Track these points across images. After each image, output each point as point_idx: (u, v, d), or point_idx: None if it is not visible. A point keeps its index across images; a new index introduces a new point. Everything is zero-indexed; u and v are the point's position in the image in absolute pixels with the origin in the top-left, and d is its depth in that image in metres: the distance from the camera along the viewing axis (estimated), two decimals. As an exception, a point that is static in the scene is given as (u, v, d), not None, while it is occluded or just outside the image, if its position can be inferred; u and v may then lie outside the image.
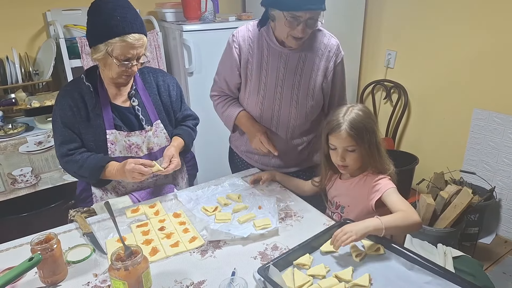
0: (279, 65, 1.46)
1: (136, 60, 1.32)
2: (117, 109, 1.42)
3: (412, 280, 0.99)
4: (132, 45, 1.27)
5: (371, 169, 1.25)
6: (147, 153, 1.46)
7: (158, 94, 1.50)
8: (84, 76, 1.40)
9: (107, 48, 1.27)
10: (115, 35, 1.25)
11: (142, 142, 1.44)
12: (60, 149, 1.38)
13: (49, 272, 1.00)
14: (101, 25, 1.26)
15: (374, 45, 3.04)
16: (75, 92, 1.37)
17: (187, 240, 1.17)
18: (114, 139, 1.40)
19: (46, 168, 2.05)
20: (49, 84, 2.36)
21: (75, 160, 1.36)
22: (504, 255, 2.33)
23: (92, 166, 1.35)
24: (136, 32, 1.27)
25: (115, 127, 1.40)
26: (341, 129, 1.20)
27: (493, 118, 2.41)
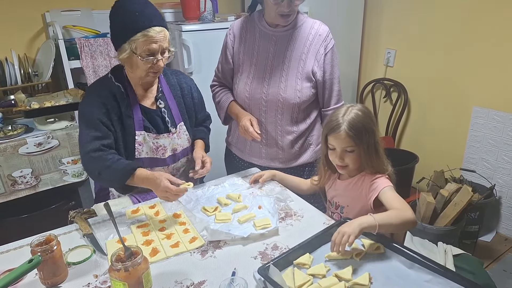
0: (269, 47, 1.53)
1: (160, 54, 1.32)
2: (145, 111, 1.43)
3: (412, 278, 0.99)
4: (154, 38, 1.27)
5: (369, 169, 1.25)
6: (171, 154, 1.48)
7: (182, 96, 1.53)
8: (112, 77, 1.40)
9: (131, 46, 1.28)
10: (136, 31, 1.26)
11: (168, 144, 1.46)
12: (92, 144, 1.32)
13: (49, 273, 1.00)
14: (121, 25, 1.28)
15: (373, 44, 3.04)
16: (107, 91, 1.37)
17: (187, 240, 1.17)
18: (142, 140, 1.41)
19: (46, 169, 2.05)
20: (49, 85, 2.36)
21: (106, 158, 1.31)
22: (505, 252, 2.33)
23: (121, 168, 1.30)
24: (156, 25, 1.28)
25: (144, 128, 1.42)
26: (340, 129, 1.20)
27: (492, 116, 2.41)
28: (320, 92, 1.57)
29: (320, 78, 1.53)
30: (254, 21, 1.56)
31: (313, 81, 1.53)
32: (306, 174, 1.63)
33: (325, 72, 1.53)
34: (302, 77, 1.51)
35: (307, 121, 1.60)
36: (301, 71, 1.51)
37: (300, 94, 1.51)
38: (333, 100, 1.59)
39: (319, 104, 1.63)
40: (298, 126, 1.59)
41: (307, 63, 1.51)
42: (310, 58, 1.51)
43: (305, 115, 1.59)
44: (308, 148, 1.64)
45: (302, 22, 1.52)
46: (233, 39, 1.59)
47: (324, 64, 1.53)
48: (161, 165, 1.47)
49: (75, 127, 2.12)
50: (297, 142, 1.61)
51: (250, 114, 1.57)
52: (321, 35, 1.52)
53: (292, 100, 1.52)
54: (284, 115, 1.55)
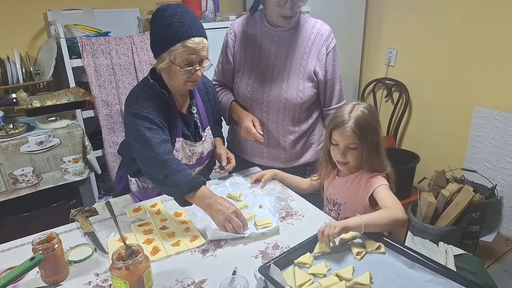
0: (270, 47, 1.52)
1: (198, 64, 1.31)
2: (183, 118, 1.44)
3: (413, 278, 0.98)
4: (193, 49, 1.26)
5: (368, 167, 1.25)
6: (198, 157, 1.50)
7: (208, 100, 1.54)
8: (155, 83, 1.36)
9: (170, 56, 1.27)
10: (176, 41, 1.25)
11: (200, 150, 1.48)
12: (163, 146, 1.28)
13: (50, 271, 1.01)
14: (161, 34, 1.27)
15: (375, 44, 3.03)
16: (158, 97, 1.35)
17: (188, 239, 1.17)
18: (180, 147, 1.42)
19: (48, 168, 2.06)
20: (50, 84, 2.37)
21: (177, 162, 1.27)
22: (506, 253, 2.33)
23: (191, 177, 1.23)
24: (195, 36, 1.26)
25: (182, 135, 1.42)
26: (347, 126, 1.20)
27: (494, 116, 2.40)
28: (321, 91, 1.57)
29: (321, 78, 1.53)
30: (255, 21, 1.55)
31: (315, 81, 1.53)
32: (307, 173, 1.63)
33: (326, 71, 1.53)
34: (304, 77, 1.51)
35: (308, 121, 1.60)
36: (303, 71, 1.50)
37: (302, 94, 1.51)
38: (335, 99, 1.59)
39: (320, 104, 1.63)
40: (299, 126, 1.59)
41: (309, 63, 1.50)
42: (312, 58, 1.51)
43: (307, 115, 1.59)
44: (310, 148, 1.64)
45: (304, 22, 1.52)
46: (234, 38, 1.58)
47: (326, 64, 1.52)
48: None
49: (76, 125, 2.12)
50: (298, 142, 1.61)
51: (252, 115, 1.56)
52: (323, 35, 1.51)
53: (294, 100, 1.51)
54: (286, 115, 1.55)
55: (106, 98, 2.34)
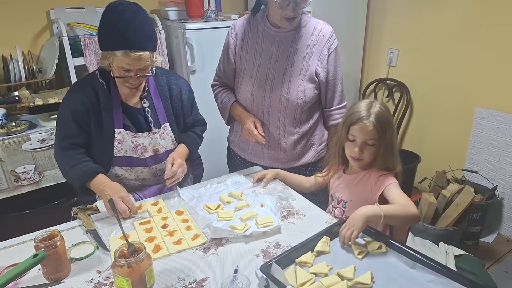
0: (272, 48, 1.51)
1: (138, 72, 1.32)
2: (127, 109, 1.43)
3: (414, 278, 0.99)
4: (132, 60, 1.27)
5: (381, 165, 1.25)
6: (152, 154, 1.47)
7: (170, 98, 1.51)
8: (98, 73, 1.40)
9: (109, 58, 1.29)
10: (113, 49, 1.26)
11: (148, 143, 1.45)
12: (62, 142, 1.39)
13: (52, 268, 1.01)
14: (105, 35, 1.28)
15: (376, 44, 3.03)
16: (89, 88, 1.38)
17: (189, 237, 1.18)
18: (122, 139, 1.41)
19: (50, 165, 2.06)
20: (52, 82, 2.37)
21: (73, 157, 1.37)
22: (506, 254, 2.33)
23: (84, 170, 1.34)
24: (136, 49, 1.26)
25: (124, 126, 1.41)
26: (368, 121, 1.19)
27: (495, 117, 2.40)
28: (322, 92, 1.57)
29: (323, 79, 1.52)
30: (257, 21, 1.54)
31: (316, 82, 1.53)
32: (308, 174, 1.63)
33: (328, 72, 1.53)
34: (306, 78, 1.50)
35: (309, 122, 1.60)
36: (305, 72, 1.50)
37: (303, 96, 1.51)
38: (336, 100, 1.59)
39: (321, 105, 1.63)
40: (300, 127, 1.58)
41: (310, 64, 1.50)
42: (313, 59, 1.50)
43: (308, 116, 1.59)
44: (311, 148, 1.64)
45: (305, 22, 1.52)
46: (235, 38, 1.58)
47: (328, 65, 1.52)
48: (141, 165, 1.47)
49: (78, 124, 2.13)
50: (299, 142, 1.61)
51: (253, 116, 1.56)
52: (325, 36, 1.51)
53: (295, 102, 1.51)
54: (287, 117, 1.55)
55: (108, 96, 2.34)
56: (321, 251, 1.08)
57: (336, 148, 1.34)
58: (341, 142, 1.29)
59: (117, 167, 1.45)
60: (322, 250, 1.09)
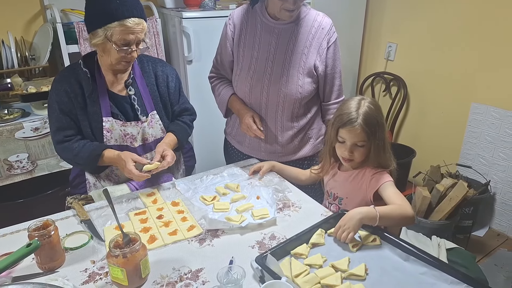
0: (271, 40, 1.49)
1: (135, 45, 1.30)
2: (114, 97, 1.41)
3: (408, 270, 1.00)
4: (132, 29, 1.26)
5: (374, 163, 1.25)
6: (141, 143, 1.45)
7: (156, 85, 1.48)
8: (81, 62, 1.38)
9: (106, 33, 1.25)
10: (114, 19, 1.23)
11: (137, 132, 1.43)
12: (56, 135, 1.38)
13: (46, 258, 1.00)
14: (100, 10, 1.25)
15: (375, 37, 3.02)
16: (71, 78, 1.36)
17: (185, 228, 1.17)
18: (111, 127, 1.39)
19: (43, 154, 2.04)
20: (46, 69, 2.33)
21: (71, 147, 1.36)
22: (496, 247, 2.37)
23: (88, 154, 1.35)
24: (135, 17, 1.26)
25: (112, 115, 1.39)
26: (356, 124, 1.18)
27: (490, 113, 2.42)
28: (321, 86, 1.56)
29: (321, 72, 1.51)
30: (255, 12, 1.52)
31: (315, 76, 1.51)
32: (305, 167, 1.62)
33: (327, 66, 1.52)
34: (304, 72, 1.49)
35: (307, 116, 1.59)
36: (303, 65, 1.49)
37: (301, 90, 1.49)
38: (334, 94, 1.58)
39: (319, 98, 1.62)
40: (298, 122, 1.58)
41: (309, 57, 1.48)
42: (312, 52, 1.49)
43: (306, 110, 1.58)
44: (308, 142, 1.64)
45: (305, 14, 1.50)
46: (233, 29, 1.55)
47: (327, 58, 1.51)
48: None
49: (72, 112, 2.10)
50: (296, 136, 1.60)
51: (252, 110, 1.55)
52: (324, 28, 1.49)
53: (293, 96, 1.50)
54: (285, 111, 1.54)
55: (102, 85, 2.31)
56: (316, 243, 1.09)
57: (326, 147, 1.34)
58: (331, 143, 1.29)
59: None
60: (317, 242, 1.09)
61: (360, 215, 1.06)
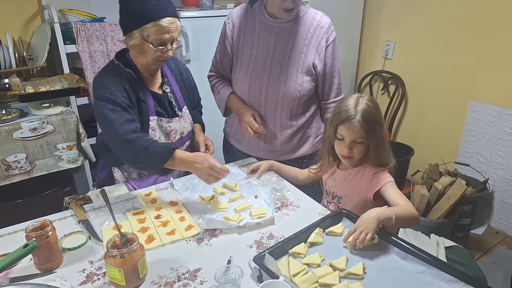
0: (269, 39, 1.50)
1: (170, 44, 1.32)
2: (155, 96, 1.43)
3: (406, 269, 1.00)
4: (167, 29, 1.28)
5: (374, 161, 1.24)
6: (179, 137, 1.50)
7: (182, 81, 1.55)
8: (120, 63, 1.37)
9: (142, 34, 1.27)
10: (150, 20, 1.25)
11: (178, 128, 1.49)
12: (126, 126, 1.28)
13: (44, 259, 1.00)
14: (135, 11, 1.26)
15: (373, 36, 3.02)
16: (122, 77, 1.35)
17: (183, 228, 1.17)
18: (155, 125, 1.42)
19: (41, 154, 2.04)
20: (44, 69, 2.33)
21: (143, 139, 1.28)
22: (495, 245, 2.37)
23: (160, 149, 1.27)
24: (170, 16, 1.28)
25: (156, 113, 1.42)
26: (354, 120, 1.18)
27: (488, 111, 2.42)
28: (320, 85, 1.56)
29: (320, 71, 1.51)
30: (254, 11, 1.52)
31: (314, 74, 1.51)
32: (304, 166, 1.62)
33: (325, 65, 1.52)
34: (303, 71, 1.49)
35: (306, 115, 1.59)
36: (302, 64, 1.49)
37: (300, 88, 1.49)
38: (333, 93, 1.58)
39: (318, 97, 1.62)
40: (297, 120, 1.58)
41: (308, 56, 1.49)
42: (311, 51, 1.49)
43: (305, 109, 1.58)
44: (307, 141, 1.63)
45: (303, 13, 1.50)
46: (232, 28, 1.55)
47: (325, 57, 1.51)
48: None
49: (70, 112, 2.10)
50: (295, 135, 1.60)
51: (251, 109, 1.55)
52: (323, 27, 1.49)
53: (292, 94, 1.50)
54: (284, 110, 1.54)
55: (100, 85, 2.31)
56: (314, 242, 1.09)
57: (325, 146, 1.33)
58: (330, 140, 1.29)
59: None
60: (315, 241, 1.09)
61: (377, 216, 1.03)
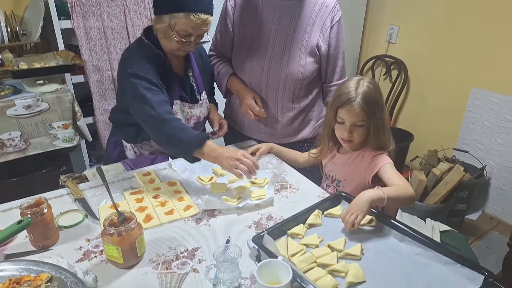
0: (272, 18, 1.45)
1: (196, 38, 1.28)
2: (180, 80, 1.40)
3: (403, 251, 1.00)
4: (196, 23, 1.23)
5: (374, 145, 1.23)
6: (196, 122, 1.49)
7: (203, 65, 1.52)
8: (150, 43, 1.32)
9: (170, 21, 1.23)
10: (181, 10, 1.21)
11: (199, 112, 1.48)
12: (163, 106, 1.26)
13: (40, 236, 0.99)
14: None
15: (377, 19, 2.96)
16: (154, 58, 1.31)
17: (182, 208, 1.16)
18: (178, 110, 1.40)
19: (36, 133, 2.01)
20: (37, 45, 2.27)
21: (179, 120, 1.27)
22: (489, 231, 2.40)
23: (195, 135, 1.24)
24: (203, 11, 1.23)
25: (179, 97, 1.40)
26: (355, 103, 1.16)
27: (490, 98, 2.40)
28: (323, 66, 1.52)
29: (324, 52, 1.47)
30: None
31: (317, 55, 1.48)
32: (304, 150, 1.61)
33: (330, 46, 1.48)
34: (306, 51, 1.45)
35: (308, 97, 1.56)
36: (306, 44, 1.45)
37: (303, 70, 1.46)
38: (336, 75, 1.55)
39: (321, 79, 1.58)
40: (299, 103, 1.55)
41: (312, 36, 1.44)
42: (315, 31, 1.44)
43: (307, 91, 1.55)
44: (308, 124, 1.61)
45: None
46: (233, 5, 1.50)
47: (330, 38, 1.47)
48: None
49: (65, 90, 2.06)
50: (297, 118, 1.58)
51: (252, 91, 1.52)
52: (328, 6, 1.44)
53: (295, 76, 1.46)
54: (286, 92, 1.51)
55: (97, 63, 2.26)
56: (312, 223, 1.09)
57: (325, 130, 1.31)
58: (330, 124, 1.27)
59: None
60: (313, 223, 1.09)
61: (368, 197, 1.04)
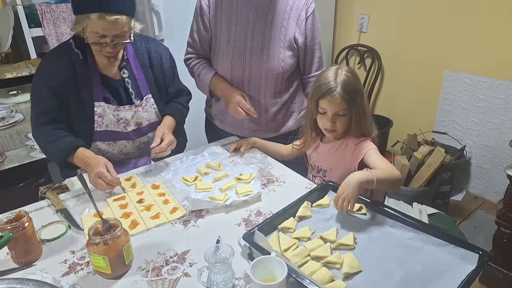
0: (248, 14, 1.43)
1: (114, 39, 1.22)
2: (106, 81, 1.34)
3: (396, 237, 1.01)
4: (108, 24, 1.18)
5: (356, 132, 1.23)
6: (135, 128, 1.41)
7: (150, 67, 1.43)
8: (73, 42, 1.29)
9: (83, 22, 1.19)
10: (90, 10, 1.16)
11: (131, 117, 1.38)
12: (40, 117, 1.30)
13: (21, 252, 0.95)
14: None
15: (347, 9, 2.99)
16: (64, 58, 1.28)
17: (168, 211, 1.14)
18: (102, 112, 1.33)
19: (11, 145, 1.93)
20: (9, 55, 2.19)
21: (52, 132, 1.29)
22: (474, 210, 2.46)
23: (64, 145, 1.27)
24: (112, 12, 1.17)
25: (104, 99, 1.33)
26: (335, 93, 1.16)
27: (463, 79, 2.46)
28: (301, 58, 1.52)
29: (301, 44, 1.47)
30: None
31: (295, 48, 1.47)
32: (289, 142, 1.59)
33: (306, 37, 1.48)
34: (285, 46, 1.44)
35: (289, 90, 1.55)
36: (283, 38, 1.44)
37: (283, 64, 1.45)
38: (314, 66, 1.55)
39: (299, 72, 1.58)
40: (281, 97, 1.54)
41: (288, 29, 1.44)
42: (291, 24, 1.44)
43: (288, 85, 1.54)
44: (291, 117, 1.61)
45: None
46: (208, 3, 1.46)
47: (306, 30, 1.47)
48: (124, 139, 1.40)
49: (39, 100, 1.98)
50: (280, 112, 1.57)
51: (238, 89, 1.49)
52: None
53: (275, 71, 1.45)
54: (268, 87, 1.49)
55: (69, 70, 2.19)
56: (303, 216, 1.08)
57: (307, 121, 1.31)
58: (312, 115, 1.27)
59: (99, 142, 1.38)
60: (304, 215, 1.08)
61: (357, 178, 1.03)
